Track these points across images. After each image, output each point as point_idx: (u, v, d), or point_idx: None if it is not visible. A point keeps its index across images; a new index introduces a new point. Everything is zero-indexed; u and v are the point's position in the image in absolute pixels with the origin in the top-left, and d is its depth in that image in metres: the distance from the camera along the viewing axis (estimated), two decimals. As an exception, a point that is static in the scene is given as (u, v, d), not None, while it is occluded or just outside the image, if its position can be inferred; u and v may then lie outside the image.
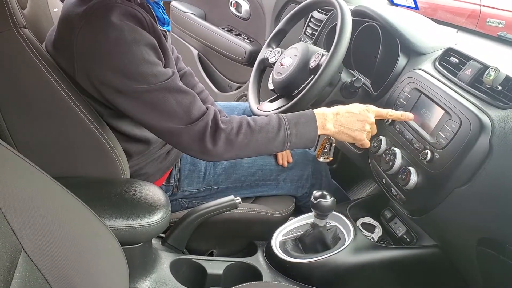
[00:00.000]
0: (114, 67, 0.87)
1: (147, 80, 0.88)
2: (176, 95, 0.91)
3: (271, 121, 0.97)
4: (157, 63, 0.91)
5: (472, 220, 0.89)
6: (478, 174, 0.84)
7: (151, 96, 0.89)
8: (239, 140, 0.94)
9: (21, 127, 0.92)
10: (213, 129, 0.93)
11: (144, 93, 0.89)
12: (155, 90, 0.89)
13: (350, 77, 1.13)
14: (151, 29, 0.93)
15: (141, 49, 0.88)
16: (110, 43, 0.86)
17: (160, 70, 0.91)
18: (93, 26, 0.87)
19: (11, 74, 0.88)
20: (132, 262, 0.78)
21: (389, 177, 1.05)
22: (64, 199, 0.63)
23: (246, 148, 0.96)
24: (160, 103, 0.90)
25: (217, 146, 0.93)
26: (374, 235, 1.18)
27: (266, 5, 1.97)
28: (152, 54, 0.91)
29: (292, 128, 0.97)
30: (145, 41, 0.89)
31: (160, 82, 0.90)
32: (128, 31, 0.87)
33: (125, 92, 0.89)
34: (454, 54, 1.03)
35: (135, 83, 0.88)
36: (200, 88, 1.40)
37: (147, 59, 0.89)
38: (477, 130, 0.84)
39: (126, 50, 0.86)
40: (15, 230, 0.51)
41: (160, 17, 1.04)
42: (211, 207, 1.08)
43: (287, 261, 1.06)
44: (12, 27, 0.84)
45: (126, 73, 0.87)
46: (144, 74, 0.88)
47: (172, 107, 0.90)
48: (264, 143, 0.96)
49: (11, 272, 0.48)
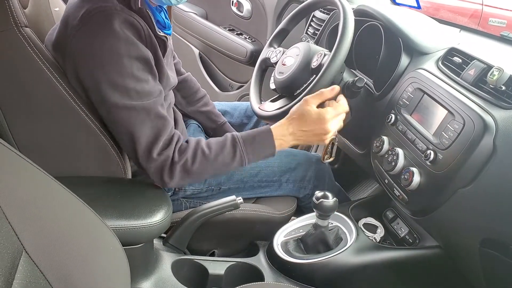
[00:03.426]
0: (101, 75, 0.88)
1: (130, 96, 0.89)
2: (154, 119, 0.93)
3: (226, 145, 0.99)
4: (145, 80, 0.92)
5: (476, 220, 0.88)
6: (482, 174, 0.84)
7: (129, 114, 0.91)
8: (194, 169, 0.97)
9: (23, 126, 0.92)
10: (169, 165, 0.95)
11: (122, 109, 0.90)
12: (133, 108, 0.90)
13: (352, 77, 1.13)
14: (148, 40, 0.93)
15: (132, 63, 0.89)
16: (103, 51, 0.87)
17: (144, 88, 0.92)
18: (90, 31, 0.87)
19: (12, 73, 0.88)
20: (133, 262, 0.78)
21: (392, 178, 1.04)
22: (65, 199, 0.63)
23: (203, 174, 1.00)
24: (136, 124, 0.92)
25: (174, 179, 0.96)
26: (376, 235, 1.18)
27: (267, 4, 1.97)
28: (143, 69, 0.91)
29: (247, 147, 0.99)
30: (138, 55, 0.89)
31: (143, 101, 0.91)
32: (124, 42, 0.87)
33: (107, 101, 0.90)
34: (457, 54, 1.03)
35: (117, 95, 0.89)
36: (202, 94, 1.40)
37: (136, 75, 0.89)
38: (480, 130, 0.84)
39: (117, 61, 0.87)
40: (17, 231, 0.51)
41: (161, 21, 1.02)
42: (212, 207, 1.08)
43: (289, 262, 1.06)
44: (13, 26, 0.84)
45: (112, 83, 0.88)
46: (128, 89, 0.89)
47: (145, 133, 0.92)
48: (221, 167, 0.99)
49: (12, 272, 0.48)
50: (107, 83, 0.88)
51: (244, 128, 1.48)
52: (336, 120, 1.02)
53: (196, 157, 0.97)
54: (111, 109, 0.91)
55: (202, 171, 0.98)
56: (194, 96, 1.38)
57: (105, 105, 0.91)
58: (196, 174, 0.98)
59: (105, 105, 0.91)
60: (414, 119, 1.02)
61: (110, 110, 0.91)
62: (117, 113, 0.91)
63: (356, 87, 1.09)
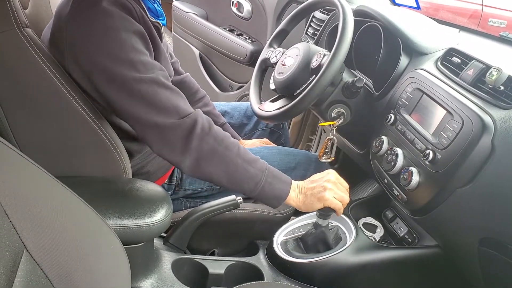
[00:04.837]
0: (104, 52, 0.86)
1: (137, 68, 0.87)
2: (165, 90, 0.90)
3: (258, 160, 0.97)
4: (145, 53, 0.90)
5: (474, 220, 0.89)
6: (480, 174, 0.84)
7: (141, 87, 0.88)
8: (224, 153, 0.93)
9: (24, 126, 0.92)
10: (207, 129, 0.92)
11: (133, 83, 0.87)
12: (144, 81, 0.88)
13: (351, 77, 1.13)
14: (141, 20, 0.93)
15: (130, 36, 0.88)
16: (99, 30, 0.86)
17: (149, 60, 0.90)
18: (82, 14, 0.87)
19: (13, 73, 0.88)
20: (134, 261, 0.78)
21: (391, 177, 1.05)
22: (66, 199, 0.63)
23: (224, 165, 0.93)
24: (150, 95, 0.88)
25: (201, 147, 0.90)
26: (376, 235, 1.18)
27: (267, 5, 1.97)
28: (141, 43, 0.90)
29: (269, 176, 0.97)
30: (134, 29, 0.89)
31: (149, 74, 0.89)
32: (117, 18, 0.87)
33: (115, 79, 0.87)
34: (456, 54, 1.03)
35: (125, 69, 0.86)
36: (201, 94, 1.40)
37: (136, 47, 0.88)
38: (479, 130, 0.84)
39: (116, 36, 0.86)
40: (18, 229, 0.51)
41: (152, 9, 1.03)
42: (213, 206, 1.08)
43: (289, 261, 1.06)
44: (14, 27, 0.84)
45: (115, 59, 0.86)
46: (133, 61, 0.87)
47: (162, 101, 0.89)
48: (241, 172, 0.94)
49: (13, 271, 0.49)
50: (111, 60, 0.86)
51: (244, 129, 1.48)
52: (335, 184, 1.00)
53: (233, 145, 0.94)
54: (122, 87, 0.87)
55: (228, 162, 0.93)
56: (193, 97, 1.38)
57: (113, 84, 0.88)
58: (219, 162, 0.92)
59: (114, 84, 0.88)
60: (413, 119, 1.02)
61: (122, 88, 0.88)
62: (130, 89, 0.88)
63: (355, 87, 1.10)
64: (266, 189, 0.96)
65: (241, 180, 0.95)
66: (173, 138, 0.91)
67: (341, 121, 1.15)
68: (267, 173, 0.97)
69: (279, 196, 0.98)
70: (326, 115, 1.16)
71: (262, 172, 0.96)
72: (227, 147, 0.93)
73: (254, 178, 0.95)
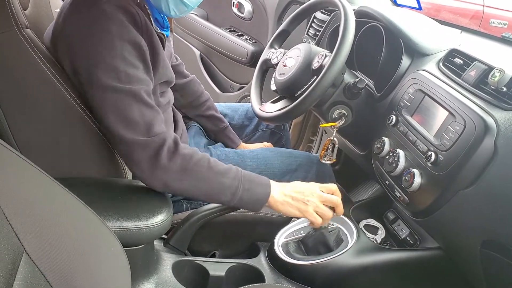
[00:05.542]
0: (94, 54, 0.86)
1: (119, 77, 0.86)
2: (141, 106, 0.89)
3: (230, 169, 0.95)
4: (134, 66, 0.89)
5: (476, 222, 0.88)
6: (483, 176, 0.84)
7: (117, 97, 0.87)
8: (194, 169, 0.91)
9: (23, 127, 0.92)
10: (172, 148, 0.91)
11: (110, 91, 0.86)
12: (122, 91, 0.86)
13: (353, 78, 1.13)
14: (144, 28, 0.92)
15: (124, 45, 0.86)
16: (94, 30, 0.85)
17: (134, 73, 0.89)
18: (81, 14, 0.87)
19: (13, 74, 0.87)
20: (134, 263, 0.78)
21: (393, 179, 1.04)
22: (66, 201, 0.63)
23: (197, 181, 0.92)
24: (123, 107, 0.87)
25: (170, 167, 0.89)
26: (377, 237, 1.18)
27: (268, 5, 1.97)
28: (134, 54, 0.89)
29: (245, 182, 0.95)
30: (129, 39, 0.87)
31: (130, 86, 0.87)
32: (116, 23, 0.86)
33: (95, 83, 0.86)
34: (458, 55, 1.03)
35: (105, 75, 0.85)
36: (205, 98, 1.39)
37: (126, 57, 0.87)
38: (481, 131, 0.84)
39: (108, 40, 0.85)
40: (17, 232, 0.51)
41: (159, 19, 1.02)
42: (213, 208, 1.07)
43: (290, 263, 1.06)
44: (14, 27, 0.84)
45: (101, 62, 0.85)
46: (117, 70, 0.86)
47: (134, 116, 0.87)
48: (215, 186, 0.93)
49: (12, 274, 0.48)
50: (95, 63, 0.85)
51: (245, 130, 1.48)
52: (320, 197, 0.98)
53: (202, 160, 0.93)
54: (98, 90, 0.87)
55: (200, 178, 0.92)
56: (198, 100, 1.38)
57: (91, 87, 0.87)
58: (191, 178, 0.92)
59: (92, 86, 0.87)
60: (415, 120, 1.02)
61: (97, 91, 0.87)
62: (105, 97, 0.87)
63: (357, 88, 1.09)
64: (244, 197, 0.95)
65: (217, 193, 0.94)
66: (139, 156, 0.89)
67: (343, 122, 1.15)
68: (243, 180, 0.95)
69: (260, 200, 0.96)
70: (328, 116, 1.15)
71: (237, 180, 0.94)
72: (196, 163, 0.92)
73: (229, 188, 0.93)
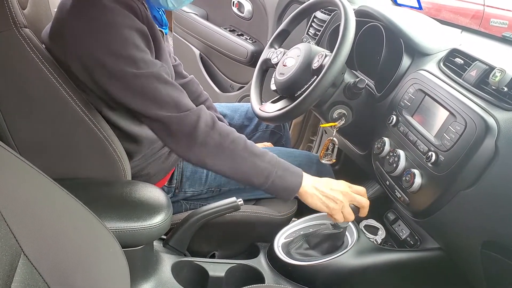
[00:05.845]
0: (105, 48, 0.86)
1: (137, 65, 0.88)
2: (165, 85, 0.91)
3: (266, 153, 0.96)
4: (146, 51, 0.91)
5: (477, 223, 0.88)
6: (484, 176, 0.83)
7: (141, 82, 0.88)
8: (230, 147, 0.93)
9: (22, 127, 0.91)
10: (210, 124, 0.92)
11: (133, 78, 0.88)
12: (144, 76, 0.88)
13: (353, 78, 1.12)
14: (145, 19, 0.93)
15: (132, 33, 0.88)
16: (101, 25, 0.86)
17: (149, 58, 0.91)
18: (84, 10, 0.87)
19: (11, 74, 0.87)
20: (133, 264, 0.78)
21: (393, 179, 1.04)
22: (64, 202, 0.62)
23: (232, 160, 0.93)
24: (150, 90, 0.89)
25: (207, 142, 0.91)
26: (377, 237, 1.17)
27: (268, 5, 1.96)
28: (142, 41, 0.90)
29: (279, 169, 0.96)
30: (136, 27, 0.89)
31: (150, 70, 0.89)
32: (119, 15, 0.87)
33: (115, 75, 0.88)
34: (459, 55, 1.02)
35: (125, 65, 0.87)
36: (203, 98, 1.39)
37: (138, 44, 0.89)
38: (482, 132, 0.83)
39: (117, 32, 0.86)
40: (15, 233, 0.50)
41: (158, 17, 1.03)
42: (213, 209, 1.07)
43: (290, 264, 1.05)
44: (12, 27, 0.84)
45: (116, 54, 0.86)
46: (133, 58, 0.87)
47: (162, 96, 0.90)
48: (249, 166, 0.94)
49: (10, 275, 0.48)
50: (111, 56, 0.86)
51: (245, 130, 1.48)
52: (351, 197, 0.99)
53: (240, 139, 0.94)
54: (123, 82, 0.88)
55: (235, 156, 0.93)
56: (197, 101, 1.38)
57: (113, 80, 0.88)
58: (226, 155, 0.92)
59: (114, 80, 0.88)
60: (416, 120, 1.01)
61: (122, 83, 0.88)
62: (130, 84, 0.88)
63: (357, 88, 1.09)
64: (277, 183, 0.95)
65: (249, 174, 0.95)
66: (177, 132, 0.91)
67: (343, 122, 1.14)
68: (277, 166, 0.96)
69: (291, 188, 0.97)
70: (328, 116, 1.15)
71: (272, 165, 0.95)
72: (233, 141, 0.93)
73: (263, 171, 0.94)
